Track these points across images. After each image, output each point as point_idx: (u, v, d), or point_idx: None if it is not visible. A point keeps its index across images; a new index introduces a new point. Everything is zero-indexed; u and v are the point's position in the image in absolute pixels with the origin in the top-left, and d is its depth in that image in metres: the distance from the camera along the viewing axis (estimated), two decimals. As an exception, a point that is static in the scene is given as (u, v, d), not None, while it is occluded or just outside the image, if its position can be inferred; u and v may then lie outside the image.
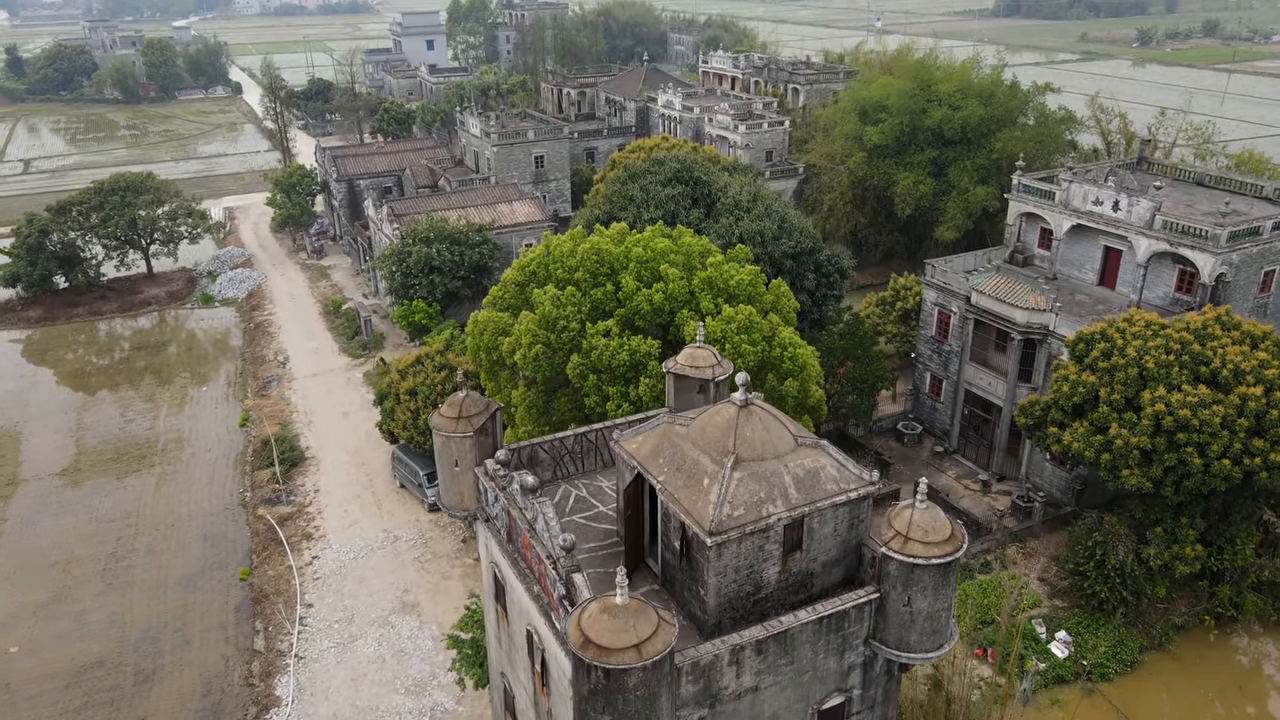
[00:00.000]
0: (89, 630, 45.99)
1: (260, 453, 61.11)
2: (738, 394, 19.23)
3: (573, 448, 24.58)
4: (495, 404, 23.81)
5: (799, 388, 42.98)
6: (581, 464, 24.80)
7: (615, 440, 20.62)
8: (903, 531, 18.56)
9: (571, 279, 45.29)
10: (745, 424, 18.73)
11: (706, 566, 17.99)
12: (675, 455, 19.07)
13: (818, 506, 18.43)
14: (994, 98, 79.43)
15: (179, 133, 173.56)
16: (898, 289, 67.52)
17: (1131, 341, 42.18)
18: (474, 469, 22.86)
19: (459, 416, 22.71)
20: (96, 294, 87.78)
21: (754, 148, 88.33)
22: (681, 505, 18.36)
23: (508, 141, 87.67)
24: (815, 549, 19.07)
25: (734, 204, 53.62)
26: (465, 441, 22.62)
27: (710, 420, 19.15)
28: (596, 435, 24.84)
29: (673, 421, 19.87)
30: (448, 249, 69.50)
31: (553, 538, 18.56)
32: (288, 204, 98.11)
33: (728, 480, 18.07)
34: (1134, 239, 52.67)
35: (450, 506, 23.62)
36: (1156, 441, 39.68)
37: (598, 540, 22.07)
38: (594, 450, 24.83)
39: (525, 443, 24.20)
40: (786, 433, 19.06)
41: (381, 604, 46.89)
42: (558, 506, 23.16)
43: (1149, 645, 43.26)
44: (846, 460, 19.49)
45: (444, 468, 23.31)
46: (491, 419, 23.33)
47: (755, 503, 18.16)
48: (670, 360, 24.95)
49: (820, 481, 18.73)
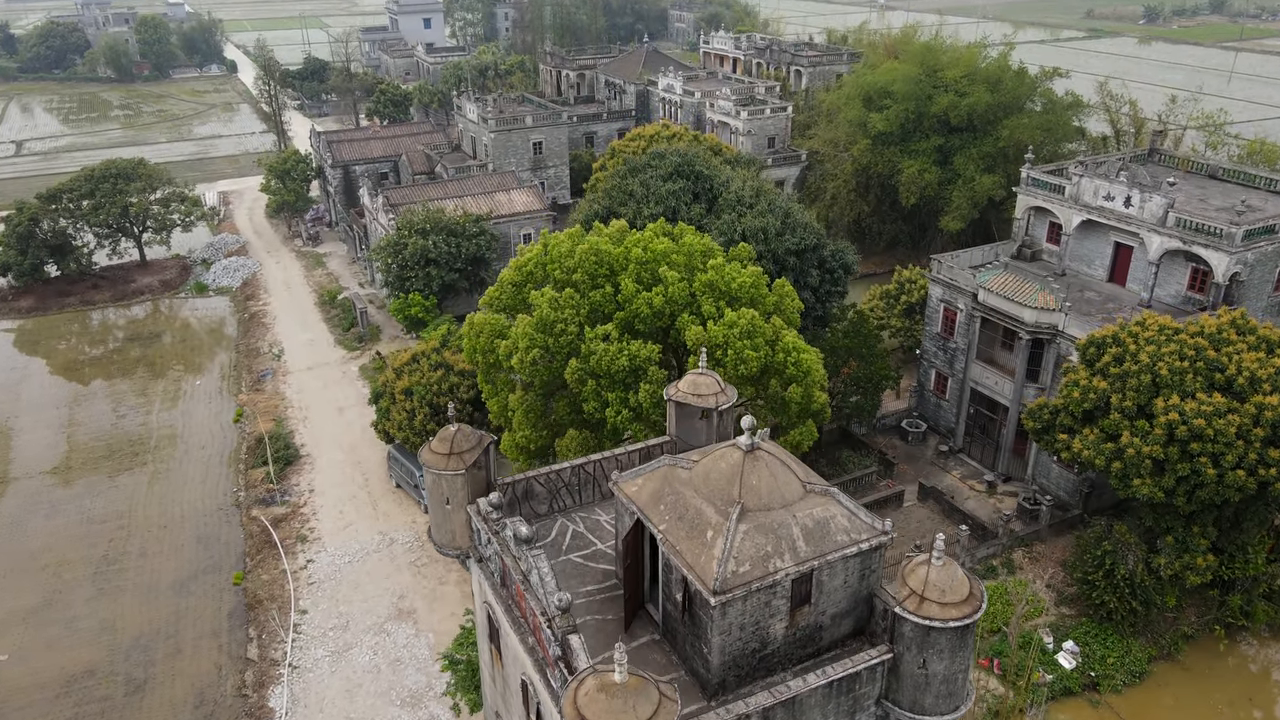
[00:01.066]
0: (80, 637, 45.26)
1: (254, 450, 60.21)
2: (743, 437, 18.23)
3: (570, 480, 23.58)
4: (489, 437, 22.78)
5: (803, 393, 41.98)
6: (579, 496, 23.82)
7: (614, 482, 19.62)
8: (918, 590, 17.59)
9: (569, 280, 44.15)
10: (751, 471, 17.72)
11: (710, 625, 17.06)
12: (677, 502, 18.08)
13: (828, 560, 17.46)
14: (1001, 84, 77.78)
15: (173, 113, 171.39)
16: (902, 282, 66.29)
17: (1144, 347, 41.08)
18: (466, 507, 21.91)
19: (450, 452, 21.70)
20: (88, 283, 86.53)
21: (756, 134, 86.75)
22: (684, 559, 17.39)
23: (505, 128, 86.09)
24: (824, 602, 18.13)
25: (736, 199, 52.33)
26: (457, 479, 21.61)
27: (714, 465, 18.14)
28: (595, 467, 23.82)
29: (674, 464, 18.86)
30: (444, 240, 68.23)
31: (548, 594, 17.62)
32: (282, 190, 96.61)
33: (733, 533, 17.09)
34: (1146, 236, 51.42)
35: (442, 545, 22.66)
36: (1169, 451, 38.68)
37: (595, 582, 21.12)
38: (592, 482, 23.83)
39: (520, 476, 23.21)
40: (794, 479, 18.07)
41: (377, 610, 46.12)
42: (554, 544, 22.20)
43: (1158, 655, 42.55)
44: (858, 509, 18.48)
45: (435, 505, 22.33)
46: (485, 453, 22.32)
47: (762, 557, 17.19)
48: (671, 387, 23.92)
49: (830, 532, 17.75)
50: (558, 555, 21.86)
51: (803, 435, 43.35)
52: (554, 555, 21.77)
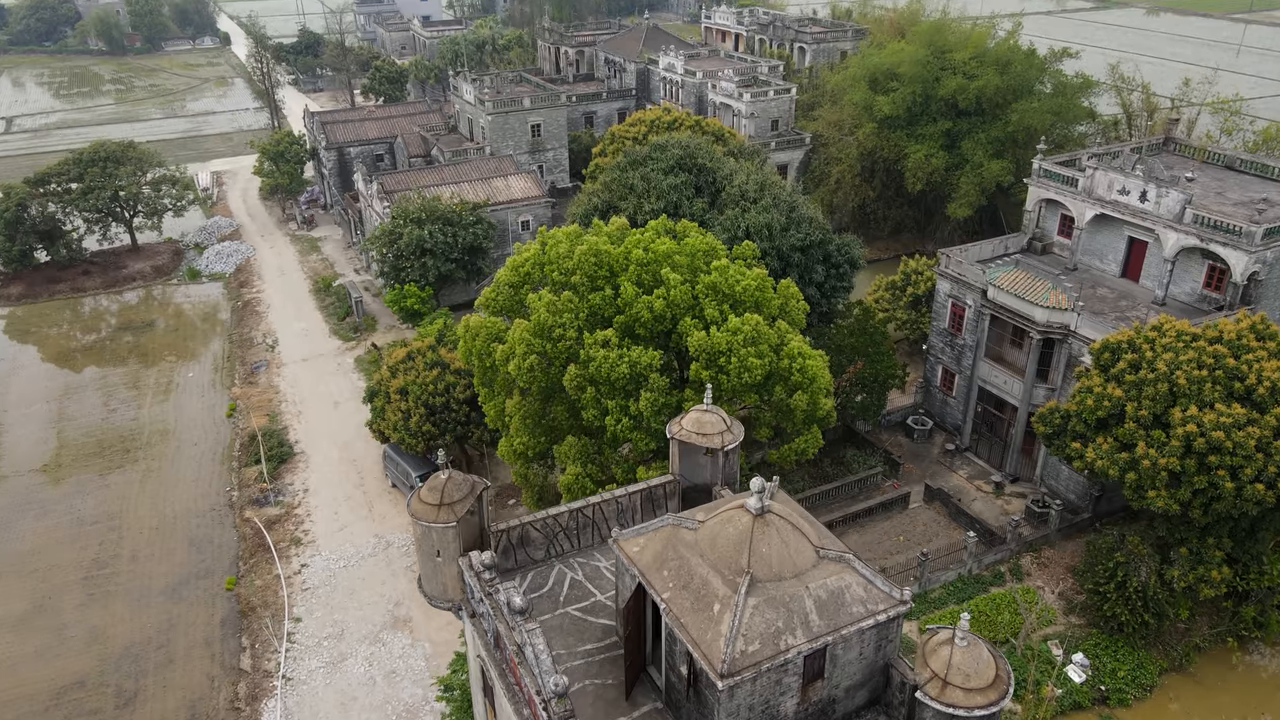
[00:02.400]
0: (69, 646, 44.38)
1: (248, 447, 59.08)
2: (752, 500, 17.02)
3: (567, 524, 22.42)
4: (482, 483, 21.56)
5: (808, 401, 40.76)
6: (577, 540, 22.68)
7: (615, 540, 18.45)
8: (940, 674, 16.45)
9: (568, 282, 42.78)
10: (761, 537, 16.55)
11: (717, 707, 15.97)
12: (682, 569, 16.94)
13: (842, 634, 16.35)
14: (1011, 66, 75.81)
15: (166, 87, 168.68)
16: (908, 273, 64.85)
17: (1161, 355, 39.81)
18: (458, 560, 20.75)
19: (440, 503, 20.48)
20: (79, 269, 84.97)
21: (759, 117, 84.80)
22: (689, 634, 16.28)
23: (502, 110, 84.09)
24: (838, 676, 17.04)
25: (740, 194, 50.78)
26: (448, 532, 20.43)
27: (721, 530, 16.96)
28: (594, 510, 22.63)
29: (678, 524, 17.69)
30: (440, 230, 66.67)
31: (544, 674, 16.51)
32: (275, 173, 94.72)
33: (741, 608, 15.96)
34: (1162, 232, 49.92)
35: (433, 597, 21.56)
36: (1186, 463, 37.54)
37: (594, 640, 20.03)
38: (591, 526, 22.68)
39: (515, 522, 22.02)
40: (807, 545, 16.90)
41: (372, 618, 45.21)
42: (550, 594, 21.09)
43: (1168, 667, 41.66)
44: (874, 576, 17.32)
45: (424, 557, 21.16)
46: (478, 500, 21.11)
47: (772, 634, 16.08)
48: (675, 424, 22.69)
49: (845, 603, 16.62)
50: (555, 608, 20.79)
51: (807, 443, 42.20)
52: (551, 607, 20.70)
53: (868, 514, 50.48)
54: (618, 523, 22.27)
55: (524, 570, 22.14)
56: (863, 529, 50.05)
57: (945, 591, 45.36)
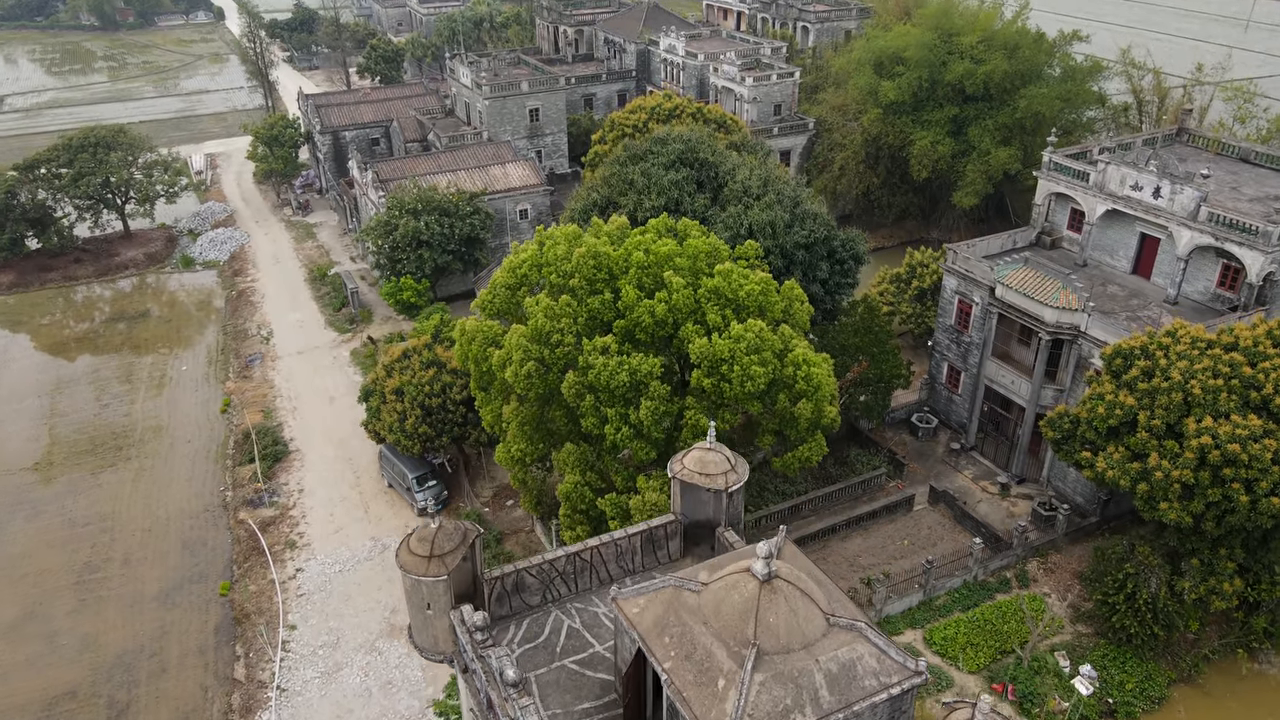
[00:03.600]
0: (61, 655, 43.71)
1: (242, 445, 58.18)
2: (759, 564, 16.08)
3: (564, 569, 21.50)
4: (474, 531, 20.59)
5: (813, 409, 39.79)
6: (575, 585, 21.78)
7: (614, 598, 17.52)
8: (958, 754, 15.63)
9: (566, 285, 41.66)
10: (768, 606, 15.63)
11: (721, 789, 15.13)
12: (684, 636, 16.04)
13: (854, 710, 15.48)
14: (1019, 50, 74.10)
15: (159, 64, 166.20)
16: (913, 265, 63.57)
17: (1176, 363, 38.76)
18: (449, 614, 19.83)
19: (431, 555, 19.50)
20: (71, 257, 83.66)
21: (762, 101, 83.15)
22: (692, 710, 15.39)
23: (500, 94, 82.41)
24: (849, 750, 16.19)
25: (743, 190, 49.49)
26: (439, 585, 19.49)
27: (726, 596, 16.04)
28: (591, 553, 21.71)
29: (680, 585, 16.76)
30: (437, 221, 65.35)
31: (539, 756, 15.65)
32: (270, 157, 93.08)
33: (747, 686, 15.07)
34: (1175, 230, 48.69)
35: (424, 649, 20.66)
36: (1200, 476, 36.62)
37: (592, 697, 19.16)
38: (589, 569, 21.76)
39: (510, 569, 21.10)
40: (816, 612, 15.99)
41: (368, 626, 44.50)
42: (546, 644, 20.21)
43: (1177, 678, 41.00)
44: (887, 645, 16.41)
45: (415, 610, 20.25)
46: (471, 549, 20.15)
47: (780, 712, 15.19)
48: (676, 463, 21.71)
49: (857, 676, 15.73)
50: (551, 660, 19.92)
51: (811, 451, 41.30)
52: (547, 660, 19.84)
53: (872, 517, 49.68)
54: (617, 565, 21.36)
55: (519, 617, 21.29)
56: (866, 532, 49.27)
57: (950, 598, 44.64)
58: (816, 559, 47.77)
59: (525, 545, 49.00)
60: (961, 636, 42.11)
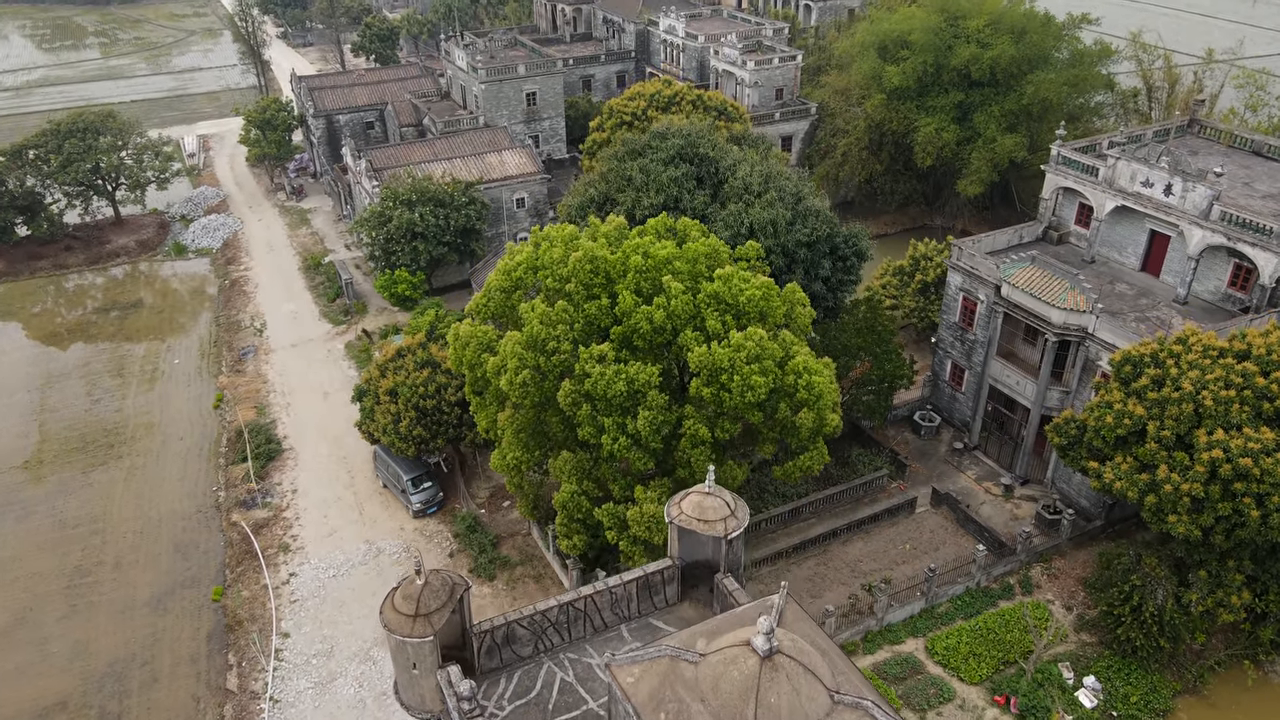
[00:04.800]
0: (51, 663, 43.16)
1: (235, 442, 57.36)
2: (759, 639, 15.22)
3: (556, 619, 20.70)
4: (461, 585, 19.75)
5: (815, 419, 38.89)
6: (568, 634, 21.00)
7: (608, 664, 16.72)
8: None
9: (562, 290, 40.63)
10: (769, 685, 14.82)
11: None
12: (681, 714, 15.23)
13: (859, 797, 14.73)
14: (1027, 34, 72.40)
15: (151, 40, 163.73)
16: (917, 258, 62.41)
17: (1187, 372, 37.80)
18: (436, 673, 19.04)
19: (416, 614, 18.67)
20: (61, 244, 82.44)
21: (763, 85, 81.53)
22: (688, 798, 14.64)
23: (496, 78, 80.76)
24: (853, 833, 15.45)
25: (744, 187, 48.27)
26: (424, 646, 18.68)
27: (725, 672, 15.21)
28: (584, 602, 20.90)
29: (677, 657, 15.94)
30: (431, 212, 64.10)
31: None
32: (263, 141, 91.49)
33: (747, 773, 14.32)
34: (1186, 229, 47.55)
35: (411, 706, 19.91)
36: (1210, 489, 35.81)
37: (586, 760, 18.47)
38: (582, 618, 20.97)
39: (500, 620, 20.28)
40: (821, 689, 15.18)
41: (363, 634, 43.90)
42: (538, 700, 19.47)
43: (1182, 689, 40.41)
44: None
45: (400, 668, 19.44)
46: (459, 603, 19.34)
47: (782, 801, 14.46)
48: (674, 507, 20.85)
49: (863, 760, 14.97)
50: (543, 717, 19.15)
51: (812, 460, 40.47)
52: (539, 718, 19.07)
53: (873, 520, 48.98)
54: (612, 612, 20.57)
55: (510, 670, 20.53)
56: (868, 536, 48.57)
57: (953, 606, 44.00)
58: (817, 564, 47.13)
59: (522, 549, 48.34)
60: (964, 646, 41.51)
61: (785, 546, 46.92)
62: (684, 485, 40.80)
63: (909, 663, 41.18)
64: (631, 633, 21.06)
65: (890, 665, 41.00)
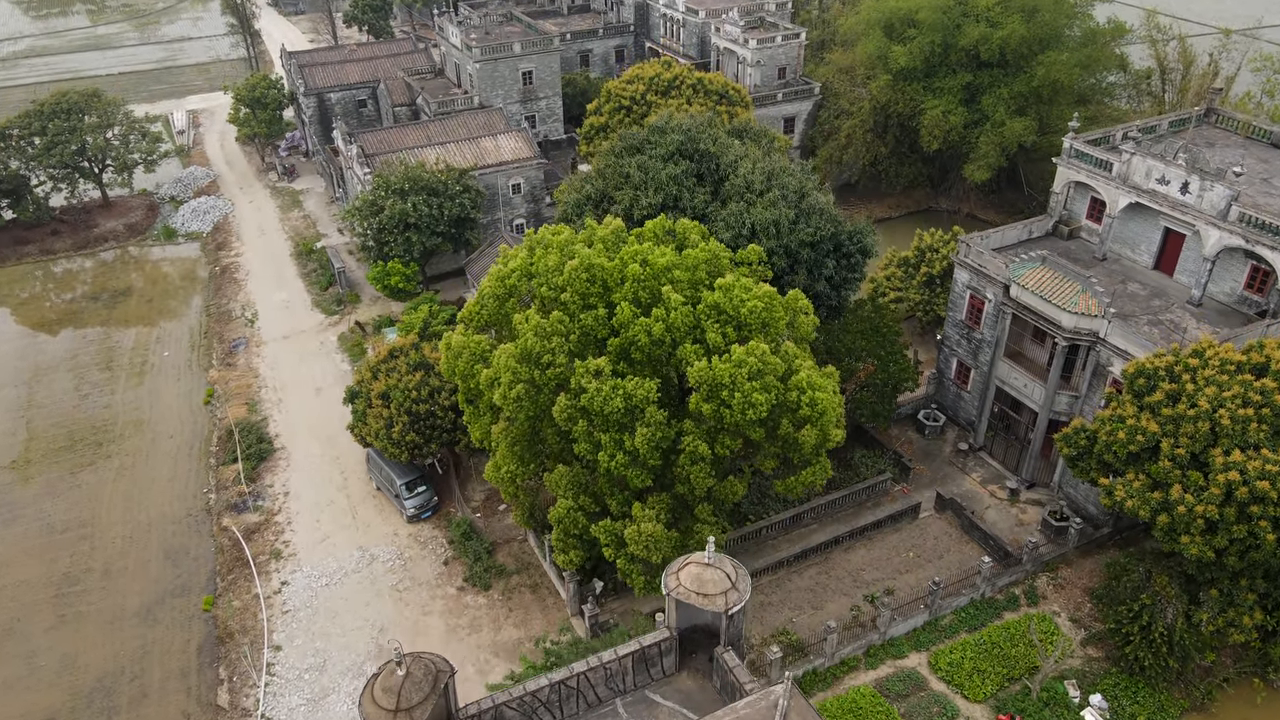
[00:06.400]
0: (39, 677, 42.43)
1: (225, 441, 56.24)
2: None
3: (548, 698, 19.67)
4: (446, 671, 18.66)
5: (818, 435, 37.73)
6: (560, 712, 19.95)
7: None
8: None
9: (557, 299, 39.24)
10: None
11: None
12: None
13: None
14: (1038, 13, 70.11)
15: (139, 8, 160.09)
16: (922, 249, 60.79)
17: (1204, 389, 36.54)
18: (420, 769, 18.04)
19: (396, 709, 17.58)
20: (48, 228, 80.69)
21: (765, 65, 79.27)
22: None
23: (491, 57, 78.47)
24: None
25: (745, 185, 46.64)
26: (406, 741, 17.66)
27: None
28: (578, 679, 19.86)
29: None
30: (425, 201, 62.36)
31: None
32: (253, 120, 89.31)
33: None
34: (1203, 229, 46.00)
35: (393, 795, 18.98)
36: (1225, 511, 34.73)
37: None
38: (575, 695, 19.92)
39: (488, 703, 19.23)
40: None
41: (356, 647, 43.11)
42: (529, 787, 18.48)
43: (1189, 707, 39.68)
44: None
45: (382, 759, 18.46)
46: (444, 691, 18.24)
47: None
48: (671, 577, 19.73)
49: None
50: (534, 807, 18.23)
51: (815, 475, 39.36)
52: (529, 807, 18.14)
53: (876, 526, 48.02)
54: (607, 687, 19.54)
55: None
56: (870, 543, 47.65)
57: (957, 618, 43.17)
58: (818, 572, 46.23)
59: (518, 556, 47.43)
60: (968, 662, 40.72)
61: (786, 555, 46.01)
62: (682, 501, 39.79)
63: (912, 679, 40.41)
64: (627, 707, 20.07)
65: (893, 682, 40.23)
